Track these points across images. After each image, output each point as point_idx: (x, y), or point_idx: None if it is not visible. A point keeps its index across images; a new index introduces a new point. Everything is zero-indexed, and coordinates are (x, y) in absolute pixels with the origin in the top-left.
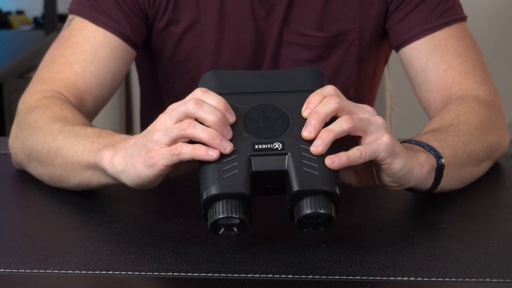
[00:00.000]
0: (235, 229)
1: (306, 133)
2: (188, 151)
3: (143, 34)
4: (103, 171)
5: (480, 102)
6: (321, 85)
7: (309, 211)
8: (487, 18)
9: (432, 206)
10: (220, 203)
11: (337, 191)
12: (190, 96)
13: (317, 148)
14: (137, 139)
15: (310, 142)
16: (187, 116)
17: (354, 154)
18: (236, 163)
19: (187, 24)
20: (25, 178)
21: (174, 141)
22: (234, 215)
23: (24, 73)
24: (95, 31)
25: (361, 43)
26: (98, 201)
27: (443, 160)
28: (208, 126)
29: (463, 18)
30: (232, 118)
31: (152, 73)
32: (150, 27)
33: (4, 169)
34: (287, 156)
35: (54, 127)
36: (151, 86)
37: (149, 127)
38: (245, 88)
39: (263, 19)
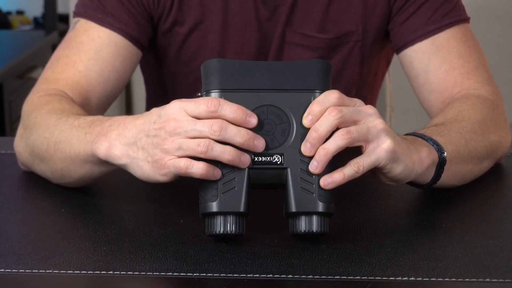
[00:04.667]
0: (231, 237)
1: (306, 152)
2: (197, 172)
3: (148, 34)
4: (102, 160)
5: (483, 101)
6: (327, 80)
7: (303, 230)
8: (487, 19)
9: (432, 206)
10: (218, 219)
11: (332, 209)
12: (203, 108)
13: (315, 169)
14: (137, 135)
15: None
16: (209, 137)
17: (351, 171)
18: (235, 177)
19: (192, 25)
20: (25, 178)
21: (186, 157)
22: (230, 232)
23: (24, 73)
24: (99, 31)
25: (364, 44)
26: (98, 201)
27: (445, 155)
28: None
29: (465, 19)
30: (254, 121)
31: (157, 74)
32: (155, 28)
33: (4, 169)
34: (286, 171)
35: (50, 121)
36: (157, 87)
37: (152, 125)
38: (249, 84)
39: (266, 20)
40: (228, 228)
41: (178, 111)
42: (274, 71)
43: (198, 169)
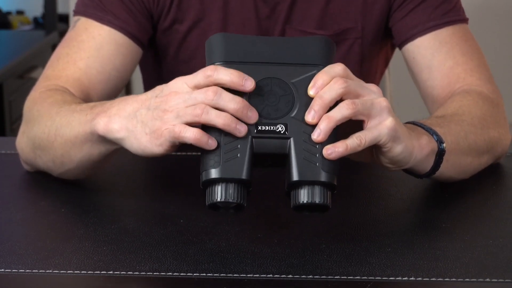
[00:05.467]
0: (232, 210)
1: (310, 118)
2: (190, 137)
3: (148, 32)
4: (100, 138)
5: (484, 98)
6: (330, 57)
7: (305, 201)
8: (487, 19)
9: (432, 206)
10: (219, 186)
11: (335, 181)
12: (201, 76)
13: (317, 136)
14: (138, 109)
15: (313, 126)
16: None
17: (353, 143)
18: (238, 145)
19: (191, 23)
20: (25, 178)
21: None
22: (232, 200)
23: (24, 73)
24: (100, 29)
25: (363, 42)
26: (98, 201)
27: (444, 145)
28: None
29: (465, 20)
30: (251, 84)
31: (157, 72)
32: (155, 26)
33: (4, 169)
34: (289, 140)
35: (52, 110)
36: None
37: (154, 99)
38: (253, 57)
39: (266, 17)
40: (229, 197)
41: (180, 85)
42: (278, 46)
43: (191, 133)
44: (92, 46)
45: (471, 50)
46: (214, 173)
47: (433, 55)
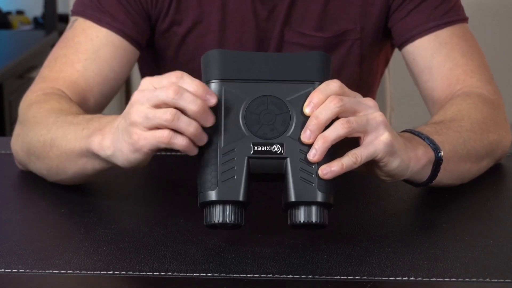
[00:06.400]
0: (229, 228)
1: (305, 138)
2: (182, 144)
3: (146, 34)
4: (95, 156)
5: (484, 100)
6: (326, 72)
7: (302, 221)
8: (487, 19)
9: (432, 206)
10: (217, 208)
11: (331, 200)
12: (166, 80)
13: (313, 157)
14: (119, 121)
15: (309, 145)
16: (166, 104)
17: (349, 161)
18: (235, 166)
19: (190, 25)
20: (25, 178)
21: (155, 128)
22: (230, 221)
23: (24, 73)
24: (98, 30)
25: (363, 43)
26: (98, 201)
27: (441, 154)
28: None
29: (464, 19)
30: (213, 100)
31: (156, 74)
32: (153, 27)
33: (4, 169)
34: (285, 160)
35: (49, 119)
36: None
37: (127, 108)
38: (249, 74)
39: (264, 19)
40: (227, 218)
41: (145, 84)
42: (274, 62)
43: (179, 143)
44: (90, 48)
45: (471, 51)
46: (211, 196)
47: (432, 56)
